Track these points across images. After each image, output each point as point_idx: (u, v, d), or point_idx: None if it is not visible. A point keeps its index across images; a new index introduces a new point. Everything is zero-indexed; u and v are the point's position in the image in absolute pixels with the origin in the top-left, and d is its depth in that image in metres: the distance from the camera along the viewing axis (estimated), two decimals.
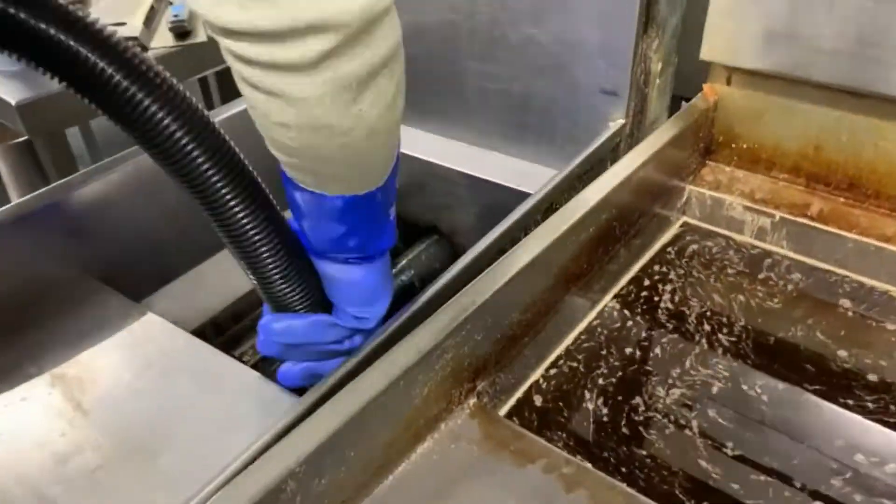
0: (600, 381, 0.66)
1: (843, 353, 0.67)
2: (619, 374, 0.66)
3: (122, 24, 1.06)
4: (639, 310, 0.72)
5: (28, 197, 0.74)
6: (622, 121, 0.83)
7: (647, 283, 0.75)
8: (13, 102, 0.91)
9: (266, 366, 0.81)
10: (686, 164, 0.82)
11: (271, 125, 0.47)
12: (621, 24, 0.78)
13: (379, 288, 0.58)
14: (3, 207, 0.72)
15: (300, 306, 0.57)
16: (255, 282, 0.57)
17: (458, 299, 0.54)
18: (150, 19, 1.09)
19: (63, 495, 0.54)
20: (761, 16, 0.73)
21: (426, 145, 1.01)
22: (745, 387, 0.65)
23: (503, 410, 0.62)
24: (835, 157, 0.77)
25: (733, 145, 0.83)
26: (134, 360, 0.66)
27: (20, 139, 1.16)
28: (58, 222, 0.75)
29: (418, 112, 1.03)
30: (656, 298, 0.74)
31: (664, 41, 0.83)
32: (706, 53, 0.77)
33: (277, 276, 0.55)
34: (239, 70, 0.45)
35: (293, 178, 0.52)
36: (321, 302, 0.58)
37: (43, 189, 0.76)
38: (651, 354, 0.68)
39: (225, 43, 0.44)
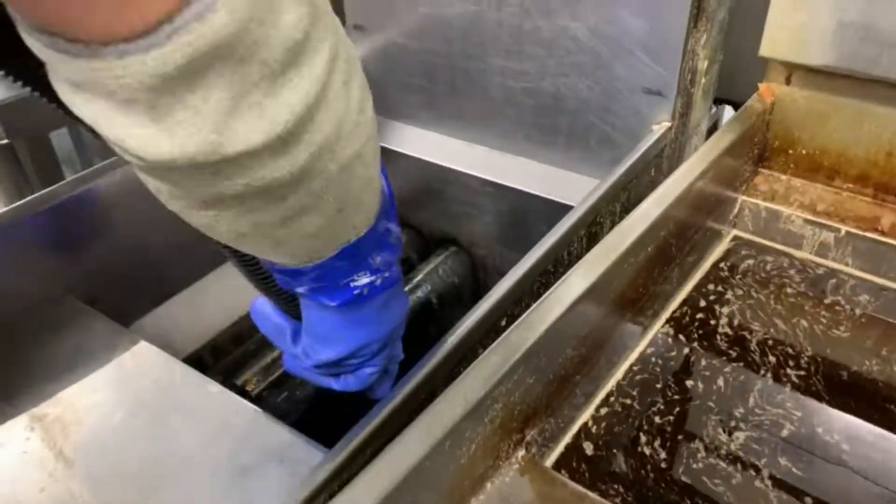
0: (657, 419, 0.58)
1: None
2: (677, 410, 0.58)
3: None
4: (695, 335, 0.64)
5: (5, 209, 0.65)
6: (667, 123, 0.75)
7: (702, 303, 0.67)
8: None
9: (272, 397, 0.73)
10: (739, 173, 0.74)
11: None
12: (670, 14, 0.70)
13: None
14: None
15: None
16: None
17: (508, 337, 0.46)
18: None
19: None
20: (833, 6, 0.64)
21: (444, 149, 0.94)
22: (819, 430, 0.57)
23: (549, 461, 0.54)
24: None
25: (790, 151, 0.75)
26: (124, 398, 0.58)
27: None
28: (37, 236, 0.68)
29: (435, 113, 0.94)
30: (713, 322, 0.66)
31: (712, 36, 0.75)
32: (766, 49, 0.69)
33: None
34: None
35: None
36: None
37: (22, 201, 0.67)
38: (713, 387, 0.60)
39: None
